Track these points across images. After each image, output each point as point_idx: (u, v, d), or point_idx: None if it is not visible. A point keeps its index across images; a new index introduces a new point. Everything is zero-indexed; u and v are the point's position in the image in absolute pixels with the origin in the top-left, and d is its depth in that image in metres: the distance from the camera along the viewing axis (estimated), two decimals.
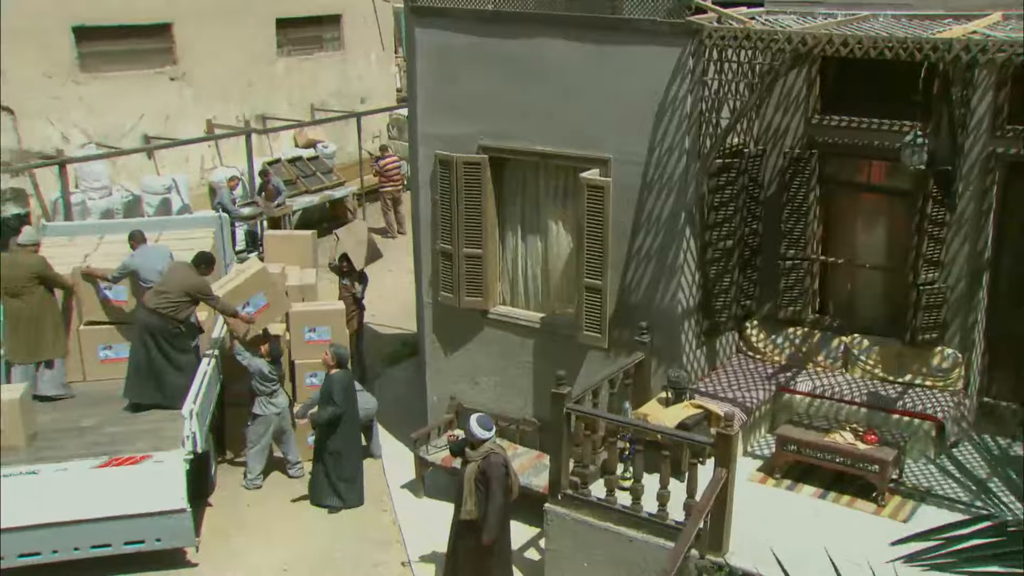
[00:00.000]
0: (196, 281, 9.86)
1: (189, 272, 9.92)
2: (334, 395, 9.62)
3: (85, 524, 8.62)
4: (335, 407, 9.63)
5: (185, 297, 9.71)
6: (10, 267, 9.84)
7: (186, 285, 9.73)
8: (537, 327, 9.65)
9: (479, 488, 7.77)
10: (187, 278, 9.82)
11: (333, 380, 9.70)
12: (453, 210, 9.59)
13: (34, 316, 9.86)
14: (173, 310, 9.66)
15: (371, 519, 9.90)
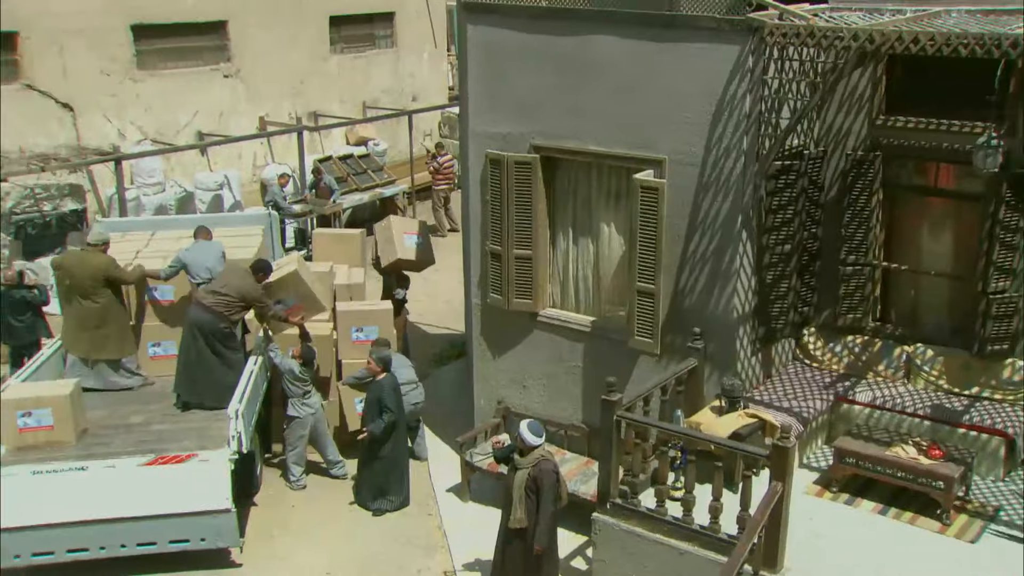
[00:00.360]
0: (252, 286, 9.85)
1: (247, 277, 9.91)
2: (386, 402, 9.50)
3: (131, 522, 8.61)
4: (390, 414, 9.51)
5: (240, 301, 9.71)
6: (79, 266, 9.88)
7: (244, 290, 9.73)
8: (587, 331, 9.45)
9: (529, 496, 7.59)
10: (245, 283, 9.81)
11: (383, 386, 9.58)
12: (503, 210, 9.42)
13: (101, 316, 9.90)
14: (227, 311, 9.64)
15: (416, 523, 9.77)
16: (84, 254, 10.05)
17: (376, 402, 9.54)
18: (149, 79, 17.64)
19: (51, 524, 8.52)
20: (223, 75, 18.77)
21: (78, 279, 9.82)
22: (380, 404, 9.51)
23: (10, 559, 8.58)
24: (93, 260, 9.89)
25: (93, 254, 9.96)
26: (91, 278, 9.77)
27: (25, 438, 8.88)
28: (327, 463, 10.52)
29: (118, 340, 10.04)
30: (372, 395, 9.62)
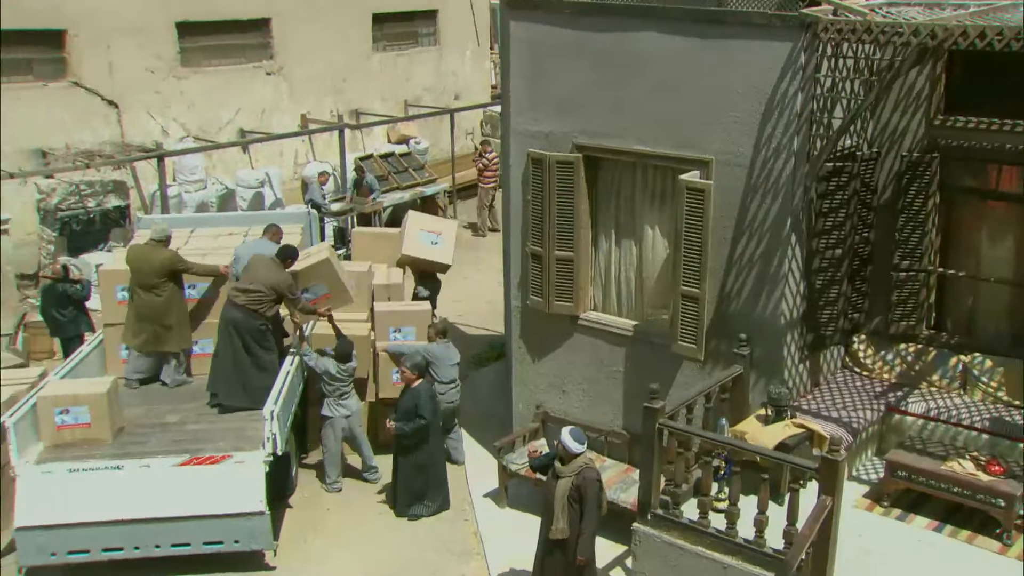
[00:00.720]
0: (280, 277, 9.69)
1: (272, 266, 9.75)
2: (422, 409, 9.33)
3: (166, 522, 8.54)
4: (423, 419, 9.34)
5: (270, 293, 9.56)
6: (143, 261, 9.86)
7: (270, 281, 9.57)
8: (629, 335, 9.21)
9: (572, 505, 7.37)
10: (270, 273, 9.65)
11: (420, 393, 9.42)
12: (545, 211, 9.22)
13: (164, 309, 9.85)
14: (259, 306, 9.54)
15: (452, 528, 9.60)
16: (147, 248, 10.00)
17: (413, 410, 9.35)
18: (193, 76, 17.67)
19: (87, 523, 8.47)
20: (266, 72, 18.76)
21: (142, 273, 9.81)
22: (416, 412, 9.34)
23: (47, 556, 8.54)
24: (156, 254, 9.86)
25: (156, 248, 9.93)
26: (155, 272, 9.75)
27: (63, 435, 8.85)
28: (363, 466, 10.39)
29: (178, 334, 10.00)
30: (408, 402, 9.42)
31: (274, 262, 9.79)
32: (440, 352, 10.25)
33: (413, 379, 9.46)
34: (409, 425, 9.30)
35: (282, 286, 9.64)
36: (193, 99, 17.71)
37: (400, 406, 9.51)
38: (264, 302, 9.56)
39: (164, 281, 9.81)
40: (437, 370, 10.22)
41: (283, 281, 9.68)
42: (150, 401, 9.89)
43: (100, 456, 8.68)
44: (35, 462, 8.62)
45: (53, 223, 15.79)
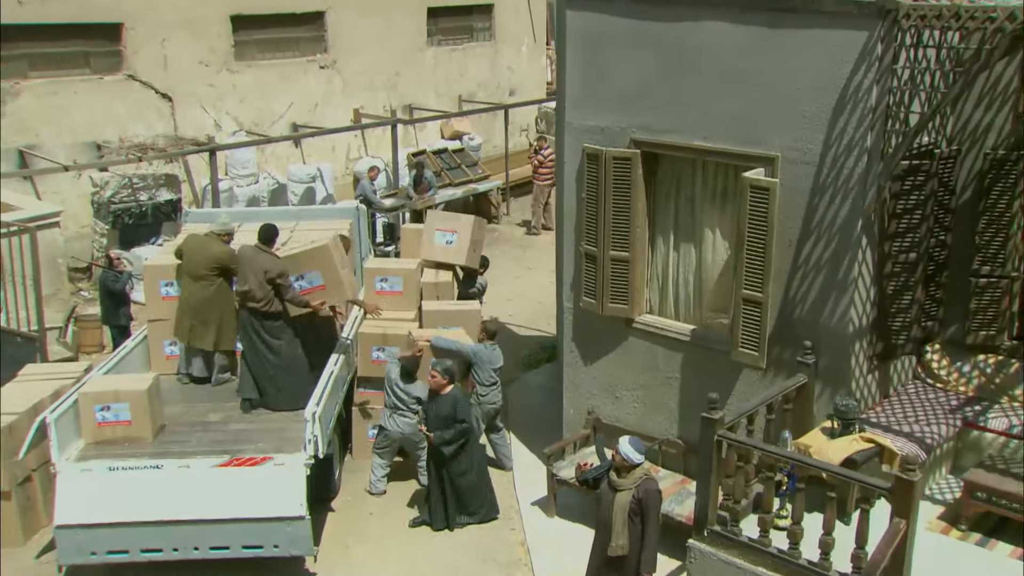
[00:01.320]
0: (266, 263, 9.20)
1: (256, 254, 9.29)
2: (461, 414, 8.94)
3: (205, 524, 8.29)
4: (464, 425, 8.95)
5: (266, 284, 9.15)
6: (197, 250, 9.64)
7: (258, 270, 9.13)
8: (687, 340, 8.78)
9: (632, 520, 6.97)
10: (256, 261, 9.21)
11: (455, 399, 9.00)
12: (600, 209, 8.82)
13: (203, 305, 9.59)
14: (259, 303, 9.19)
15: (498, 538, 9.25)
16: (206, 239, 9.78)
17: (450, 416, 8.90)
18: (246, 70, 17.59)
19: (126, 522, 8.27)
20: (319, 66, 18.63)
21: (193, 263, 9.60)
22: (454, 419, 8.91)
23: (86, 555, 8.36)
24: (214, 246, 9.63)
25: (215, 241, 9.69)
26: (206, 264, 9.53)
27: (103, 432, 8.67)
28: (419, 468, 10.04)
29: (217, 333, 9.69)
30: (444, 408, 8.93)
31: (256, 249, 9.35)
32: (486, 355, 9.93)
33: (443, 384, 8.94)
34: (449, 432, 8.88)
35: (269, 272, 9.13)
36: (246, 93, 17.62)
37: (433, 413, 9.00)
38: (265, 297, 9.19)
39: (214, 275, 9.56)
40: (479, 372, 9.91)
41: (269, 266, 9.16)
42: (193, 398, 9.70)
43: (140, 455, 8.49)
44: (75, 459, 8.45)
45: (106, 216, 15.78)
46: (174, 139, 16.61)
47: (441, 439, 8.87)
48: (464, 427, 8.94)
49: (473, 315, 10.68)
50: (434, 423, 8.93)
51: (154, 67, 16.42)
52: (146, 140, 16.36)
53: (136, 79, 16.29)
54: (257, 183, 17.12)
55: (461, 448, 9.05)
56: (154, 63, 16.41)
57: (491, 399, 10.01)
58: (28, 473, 9.29)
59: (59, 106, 15.46)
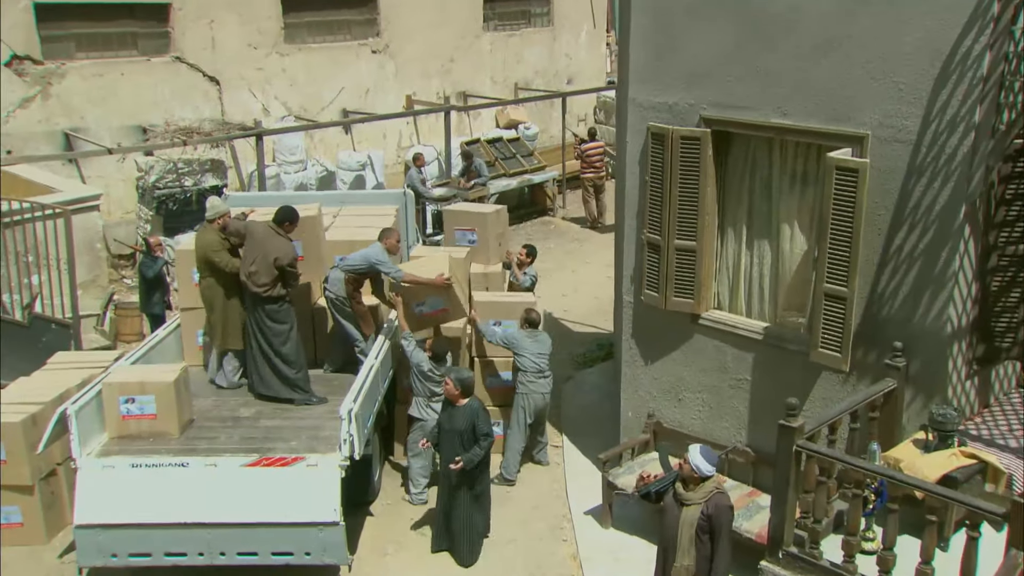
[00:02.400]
0: (278, 248, 8.54)
1: (269, 236, 8.62)
2: (483, 426, 7.95)
3: (232, 528, 7.69)
4: (489, 439, 7.99)
5: (273, 270, 8.51)
6: (196, 242, 9.04)
7: (268, 253, 8.48)
8: (759, 338, 7.97)
9: (700, 538, 6.21)
10: (267, 244, 8.55)
11: (476, 411, 7.98)
12: (665, 194, 8.05)
13: (207, 301, 8.96)
14: (261, 288, 8.55)
15: (548, 549, 8.53)
16: (202, 230, 9.22)
17: (467, 432, 7.93)
18: (296, 53, 17.07)
19: (149, 524, 7.71)
20: (371, 50, 18.05)
21: (196, 257, 9.01)
22: (475, 432, 7.94)
23: (107, 557, 7.81)
24: (203, 237, 8.96)
25: (206, 230, 9.01)
26: (200, 258, 8.89)
27: (128, 426, 8.13)
28: None
29: (222, 331, 9.00)
30: (458, 423, 7.96)
31: (269, 228, 8.69)
32: (525, 342, 9.24)
33: (457, 396, 7.97)
34: (477, 454, 7.90)
35: (280, 259, 8.49)
36: (295, 77, 17.10)
37: (448, 427, 8.04)
38: (266, 282, 8.53)
39: (206, 270, 8.88)
40: (519, 358, 9.24)
41: (281, 251, 8.52)
42: (224, 392, 9.11)
43: (165, 452, 7.92)
44: (97, 455, 7.92)
45: (150, 202, 15.35)
46: (221, 123, 16.14)
47: (470, 462, 7.90)
48: (490, 442, 8.03)
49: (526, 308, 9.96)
50: (448, 438, 7.99)
51: (202, 49, 15.97)
52: (192, 124, 15.90)
53: (183, 61, 15.85)
54: (305, 170, 16.58)
55: (479, 467, 8.10)
56: (202, 45, 15.95)
57: (539, 388, 9.33)
58: (52, 467, 8.80)
59: (105, 88, 15.07)
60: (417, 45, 18.48)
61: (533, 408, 9.36)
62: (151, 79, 15.52)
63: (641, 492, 6.73)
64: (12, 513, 8.65)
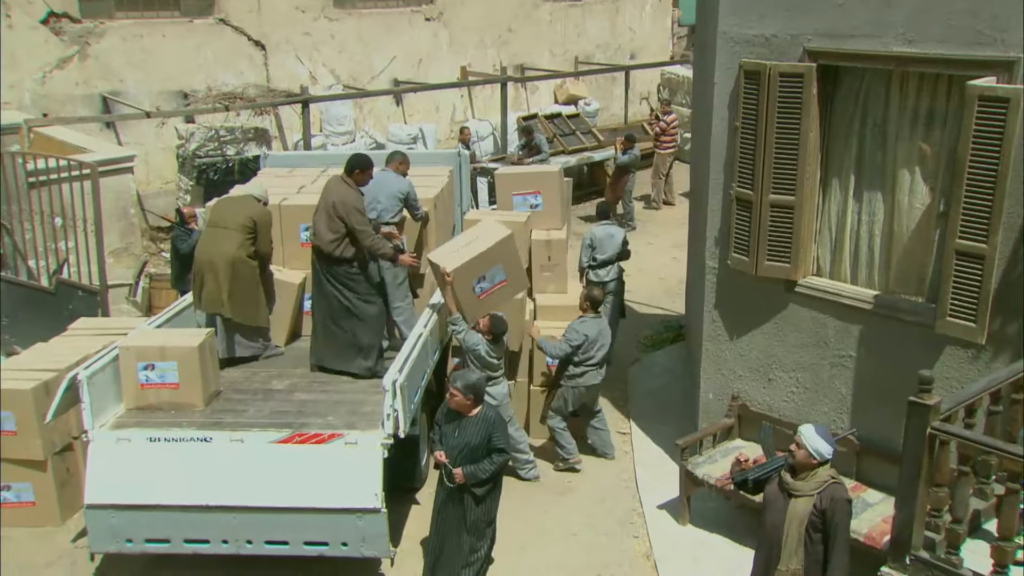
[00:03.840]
0: (348, 200, 7.60)
1: (339, 187, 7.69)
2: (498, 439, 6.29)
3: (260, 513, 6.76)
4: (503, 456, 6.39)
5: (336, 231, 7.59)
6: (232, 204, 8.21)
7: (332, 207, 7.56)
8: (868, 308, 6.85)
9: (811, 536, 5.15)
10: (330, 193, 7.62)
11: (492, 421, 6.33)
12: (759, 141, 6.98)
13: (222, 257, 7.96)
14: (332, 246, 7.63)
15: (617, 546, 7.48)
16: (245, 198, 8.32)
17: (479, 448, 6.24)
18: (346, 19, 16.19)
19: (168, 505, 6.81)
20: (424, 18, 17.10)
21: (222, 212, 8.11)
22: (486, 449, 6.26)
23: (121, 543, 6.92)
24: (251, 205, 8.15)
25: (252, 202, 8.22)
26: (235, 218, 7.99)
27: (146, 396, 7.25)
28: (514, 461, 8.41)
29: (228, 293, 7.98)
30: (469, 437, 6.25)
31: (341, 181, 7.77)
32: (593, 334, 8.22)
33: (467, 405, 6.27)
34: (485, 467, 6.23)
35: (343, 206, 7.54)
36: (345, 43, 16.21)
37: (453, 441, 6.31)
38: (335, 241, 7.62)
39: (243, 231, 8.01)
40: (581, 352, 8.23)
41: (348, 205, 7.57)
42: (254, 363, 8.22)
43: (186, 425, 7.02)
44: (111, 427, 7.05)
45: (190, 171, 14.56)
46: (266, 90, 15.30)
47: (474, 478, 6.24)
48: (504, 459, 6.39)
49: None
50: (454, 454, 6.28)
51: (247, 11, 15.15)
52: (235, 90, 15.08)
53: (228, 23, 15.04)
54: (354, 141, 15.69)
55: (493, 490, 6.48)
56: (247, 7, 15.13)
57: (588, 381, 8.30)
58: (68, 441, 7.96)
59: (145, 50, 14.31)
60: (473, 13, 17.51)
61: (574, 398, 8.35)
62: (193, 41, 14.73)
63: (736, 479, 5.65)
64: (23, 491, 7.85)
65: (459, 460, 6.23)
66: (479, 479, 6.23)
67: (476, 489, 6.29)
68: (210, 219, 8.23)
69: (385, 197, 8.26)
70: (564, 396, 8.31)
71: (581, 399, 8.33)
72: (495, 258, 8.01)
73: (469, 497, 6.33)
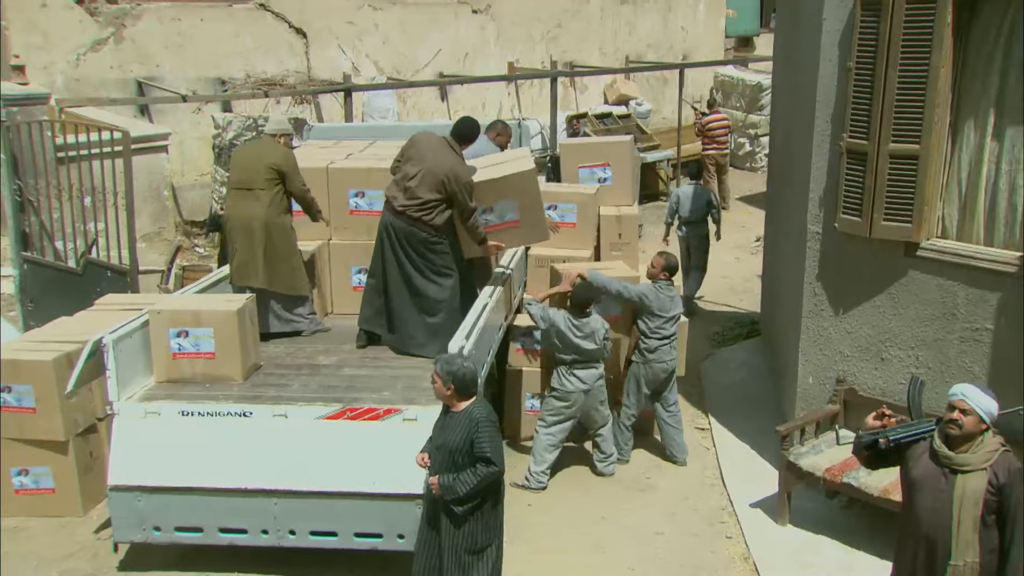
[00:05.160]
0: (462, 173, 6.80)
1: (441, 149, 6.87)
2: (483, 446, 4.99)
3: (305, 498, 5.93)
4: (492, 469, 4.99)
5: (437, 193, 6.76)
6: (250, 154, 7.35)
7: (439, 171, 6.72)
8: (1010, 271, 5.93)
9: (985, 521, 4.21)
10: (439, 158, 6.77)
11: (477, 421, 5.04)
12: (878, 83, 6.12)
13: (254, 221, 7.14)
14: (423, 212, 6.79)
15: (707, 547, 6.55)
16: (261, 142, 7.52)
17: (461, 451, 5.01)
18: (391, 8, 15.49)
19: (201, 488, 6.00)
20: (472, 10, 16.39)
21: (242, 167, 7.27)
22: (477, 454, 4.99)
23: (148, 531, 6.12)
24: (265, 147, 7.30)
25: (264, 142, 7.39)
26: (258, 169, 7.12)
27: (179, 367, 6.46)
28: (595, 451, 7.52)
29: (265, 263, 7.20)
30: (451, 436, 5.07)
31: (445, 143, 6.95)
32: (657, 299, 7.34)
33: (448, 396, 5.10)
34: (465, 481, 4.97)
35: (456, 180, 6.73)
36: (389, 34, 15.52)
37: (438, 442, 5.16)
38: (429, 204, 6.78)
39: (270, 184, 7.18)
40: (647, 320, 7.34)
41: (456, 172, 6.76)
42: (297, 339, 7.41)
43: (223, 398, 6.21)
44: (139, 399, 6.25)
45: (227, 162, 13.85)
46: (306, 80, 14.62)
47: (451, 492, 5.00)
48: (492, 472, 4.98)
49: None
50: (436, 458, 5.15)
51: None
52: (275, 78, 14.41)
53: (268, 9, 14.37)
54: None
55: (480, 509, 5.11)
56: None
57: (661, 357, 7.40)
58: (92, 421, 7.16)
59: (183, 34, 13.67)
60: (521, 7, 16.81)
61: (649, 380, 7.46)
62: (232, 27, 14.08)
63: (865, 440, 4.47)
64: (42, 476, 7.04)
65: (438, 466, 5.10)
66: (456, 494, 4.97)
67: (455, 507, 5.04)
68: (231, 179, 7.42)
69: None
70: (635, 375, 7.42)
71: (658, 378, 7.43)
72: (509, 190, 7.18)
73: (446, 517, 5.10)
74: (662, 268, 7.47)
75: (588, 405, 7.21)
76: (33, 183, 9.90)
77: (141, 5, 13.39)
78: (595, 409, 7.28)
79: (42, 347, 7.03)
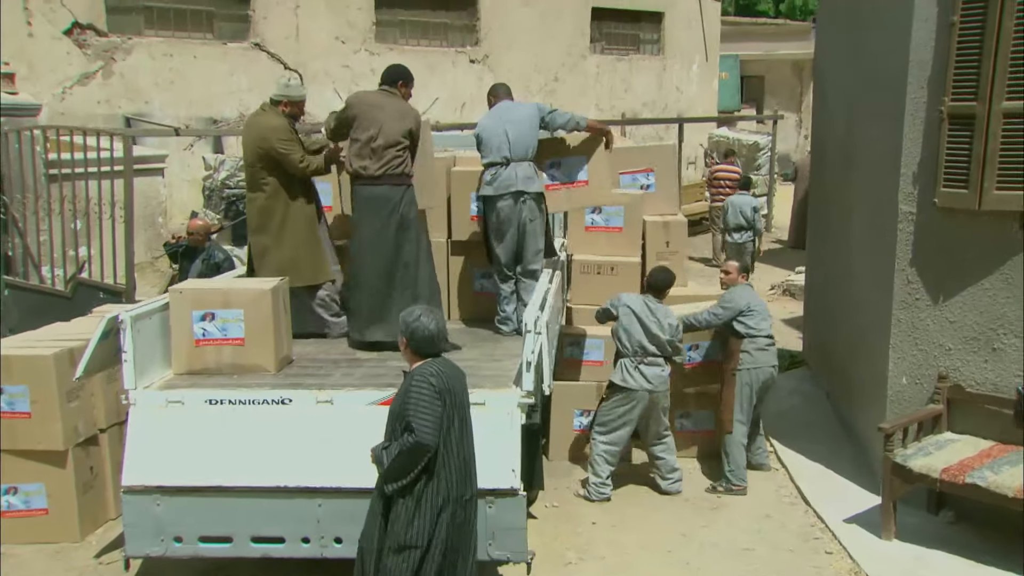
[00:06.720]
0: (407, 111, 6.20)
1: (389, 99, 6.20)
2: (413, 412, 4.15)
3: (355, 499, 4.99)
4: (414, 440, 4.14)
5: (403, 142, 6.09)
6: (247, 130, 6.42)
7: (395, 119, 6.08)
8: None
9: None
10: (390, 108, 6.12)
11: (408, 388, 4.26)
12: (989, 37, 5.60)
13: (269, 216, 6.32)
14: (402, 158, 6.11)
15: (806, 564, 5.69)
16: (258, 115, 6.45)
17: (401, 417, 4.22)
18: (387, 53, 15.10)
19: (232, 488, 5.09)
20: (469, 59, 16.07)
21: (245, 153, 6.41)
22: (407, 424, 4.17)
23: (167, 542, 5.16)
24: (262, 120, 6.29)
25: (263, 113, 6.38)
26: (253, 153, 6.26)
27: (203, 356, 5.59)
28: (656, 465, 6.71)
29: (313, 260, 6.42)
30: (399, 395, 4.33)
31: (386, 93, 6.26)
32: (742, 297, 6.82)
33: (404, 351, 4.40)
34: (390, 452, 4.20)
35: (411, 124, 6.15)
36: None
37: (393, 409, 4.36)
38: (401, 159, 6.09)
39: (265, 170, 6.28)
40: (745, 318, 6.73)
41: (409, 114, 6.17)
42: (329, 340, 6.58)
43: (256, 385, 5.36)
44: (159, 387, 5.37)
45: (218, 204, 13.11)
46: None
47: (380, 464, 4.26)
48: (411, 444, 4.13)
49: None
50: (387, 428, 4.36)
51: (284, 38, 14.06)
52: None
53: (263, 49, 13.93)
54: None
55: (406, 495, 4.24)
56: (285, 33, 14.06)
57: (770, 360, 6.80)
58: (93, 432, 6.24)
59: (175, 70, 13.12)
60: (519, 59, 16.51)
61: (756, 388, 6.76)
62: (226, 66, 13.57)
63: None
64: (34, 494, 6.06)
65: (387, 434, 4.32)
66: (382, 463, 4.21)
67: (386, 484, 4.23)
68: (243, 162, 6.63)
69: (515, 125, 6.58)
70: (746, 384, 6.71)
71: (765, 384, 6.77)
72: (580, 148, 6.57)
73: (378, 498, 4.34)
74: (738, 271, 6.95)
75: (650, 409, 6.45)
76: (20, 198, 9.09)
77: (132, 40, 12.87)
78: (656, 416, 6.52)
79: (39, 344, 6.15)
